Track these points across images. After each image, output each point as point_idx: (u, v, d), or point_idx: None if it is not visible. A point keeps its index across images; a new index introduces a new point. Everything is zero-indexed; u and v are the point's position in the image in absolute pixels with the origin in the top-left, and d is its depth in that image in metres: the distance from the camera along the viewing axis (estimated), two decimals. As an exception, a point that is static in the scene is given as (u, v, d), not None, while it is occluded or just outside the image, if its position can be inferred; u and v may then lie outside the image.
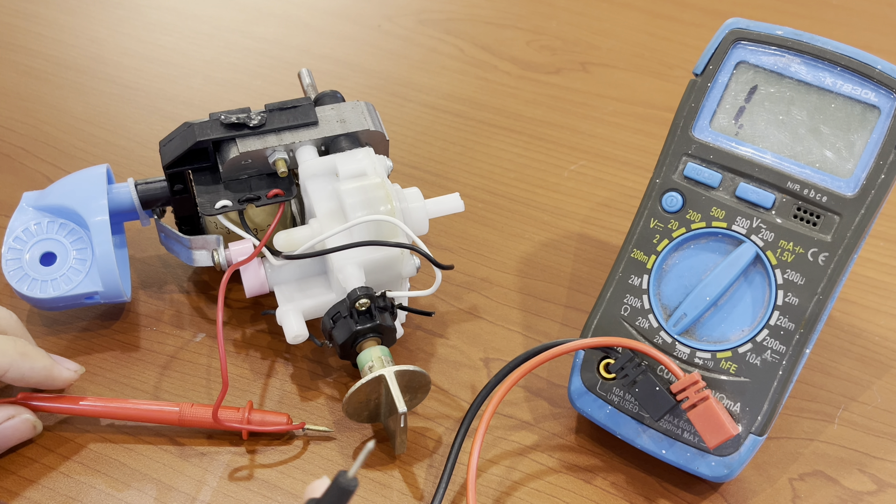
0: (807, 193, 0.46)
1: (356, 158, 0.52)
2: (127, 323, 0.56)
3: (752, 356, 0.46)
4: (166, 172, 0.53)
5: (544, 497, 0.49)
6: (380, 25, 0.79)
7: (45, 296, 0.51)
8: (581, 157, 0.68)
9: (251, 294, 0.52)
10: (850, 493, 0.49)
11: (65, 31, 0.77)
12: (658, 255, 0.48)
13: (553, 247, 0.62)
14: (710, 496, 0.49)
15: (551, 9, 0.81)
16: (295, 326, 0.51)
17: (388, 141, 0.55)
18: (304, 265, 0.53)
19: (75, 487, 0.48)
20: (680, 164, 0.49)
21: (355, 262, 0.50)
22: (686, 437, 0.47)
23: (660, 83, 0.74)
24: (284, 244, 0.51)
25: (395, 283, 0.53)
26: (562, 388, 0.54)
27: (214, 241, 0.54)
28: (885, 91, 0.45)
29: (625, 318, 0.49)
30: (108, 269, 0.51)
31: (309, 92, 0.58)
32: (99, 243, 0.51)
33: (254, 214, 0.54)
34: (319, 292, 0.53)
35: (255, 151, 0.52)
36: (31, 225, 0.52)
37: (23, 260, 0.52)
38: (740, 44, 0.48)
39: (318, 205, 0.51)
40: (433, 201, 0.53)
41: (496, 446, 0.51)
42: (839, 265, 0.46)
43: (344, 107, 0.55)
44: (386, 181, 0.51)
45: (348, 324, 0.49)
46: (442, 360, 0.55)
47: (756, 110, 0.48)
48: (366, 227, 0.50)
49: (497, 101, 0.72)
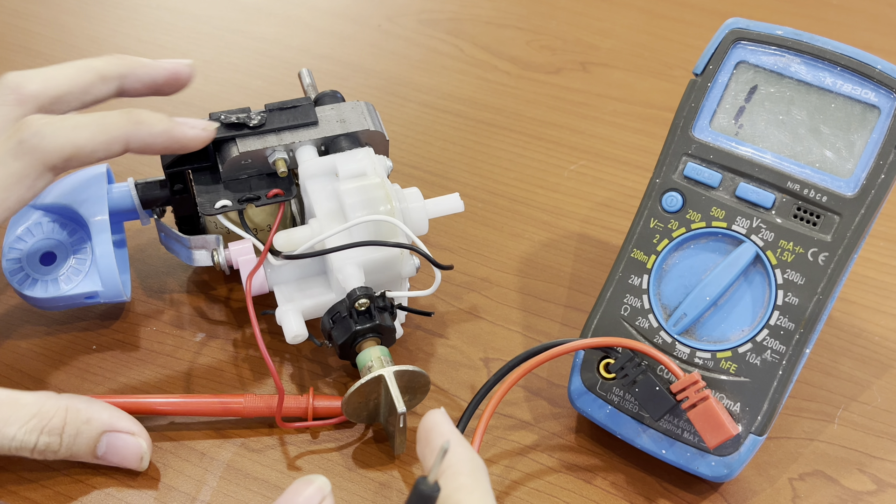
0: (807, 193, 0.46)
1: (356, 158, 0.52)
2: (127, 323, 0.56)
3: (752, 356, 0.46)
4: (166, 172, 0.53)
5: (544, 497, 0.49)
6: (380, 25, 0.79)
7: (45, 295, 0.51)
8: (581, 157, 0.68)
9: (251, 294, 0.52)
10: (850, 493, 0.49)
11: (65, 31, 0.77)
12: (658, 255, 0.48)
13: (553, 247, 0.62)
14: (710, 496, 0.49)
15: (551, 9, 0.81)
16: (294, 326, 0.51)
17: (388, 141, 0.55)
18: (304, 265, 0.53)
19: (75, 487, 0.48)
20: (680, 164, 0.49)
21: (355, 262, 0.50)
22: (686, 437, 0.47)
23: (660, 83, 0.74)
24: (284, 244, 0.51)
25: (394, 284, 0.53)
26: (562, 387, 0.54)
27: (214, 241, 0.54)
28: (885, 91, 0.45)
29: (625, 318, 0.49)
30: (107, 269, 0.51)
31: (309, 92, 0.58)
32: (99, 243, 0.51)
33: (253, 214, 0.54)
34: (319, 292, 0.53)
35: (255, 151, 0.52)
36: (32, 224, 0.52)
37: (23, 260, 0.52)
38: (740, 44, 0.48)
39: (317, 205, 0.51)
40: (433, 201, 0.53)
41: (496, 446, 0.51)
42: (839, 265, 0.46)
43: (344, 107, 0.55)
44: (386, 181, 0.51)
45: (348, 324, 0.49)
46: (442, 360, 0.55)
47: (756, 110, 0.48)
48: (365, 227, 0.50)
49: (497, 100, 0.72)
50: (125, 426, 0.47)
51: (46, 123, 0.45)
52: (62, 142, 0.45)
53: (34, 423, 0.44)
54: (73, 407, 0.46)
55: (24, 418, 0.44)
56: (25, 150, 0.44)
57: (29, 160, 0.44)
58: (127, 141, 0.47)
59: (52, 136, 0.44)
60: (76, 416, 0.45)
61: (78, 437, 0.46)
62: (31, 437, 0.44)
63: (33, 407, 0.45)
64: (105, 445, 0.47)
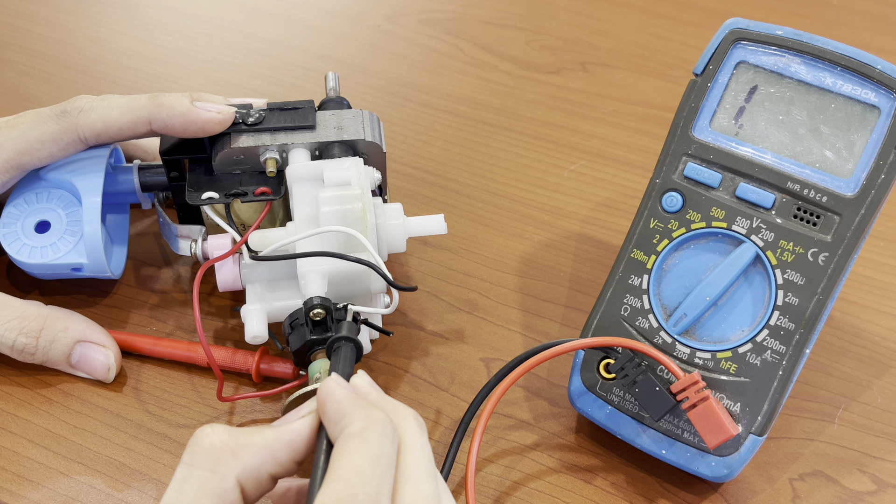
0: (807, 193, 0.46)
1: (343, 167, 0.51)
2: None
3: (752, 356, 0.46)
4: (163, 159, 0.54)
5: (544, 497, 0.49)
6: (380, 25, 0.79)
7: (32, 261, 0.52)
8: (581, 157, 0.68)
9: (224, 289, 0.52)
10: (850, 493, 0.49)
11: (65, 31, 0.77)
12: (658, 255, 0.48)
13: (553, 247, 0.62)
14: (710, 496, 0.49)
15: (551, 9, 0.81)
16: (255, 327, 0.50)
17: (384, 153, 0.54)
18: (278, 267, 0.52)
19: (75, 487, 0.49)
20: (680, 164, 0.49)
21: (320, 270, 0.49)
22: (686, 437, 0.47)
23: (660, 83, 0.74)
24: (259, 243, 0.51)
25: (365, 298, 0.52)
26: (562, 387, 0.54)
27: (197, 232, 0.54)
28: (885, 91, 0.45)
29: (625, 318, 0.49)
30: (94, 247, 0.52)
31: (330, 95, 0.58)
32: (88, 222, 0.52)
33: (241, 211, 0.54)
34: (289, 296, 0.52)
35: (248, 148, 0.52)
36: (33, 193, 0.54)
37: (18, 224, 0.53)
38: (740, 44, 0.48)
39: (297, 208, 0.51)
40: (415, 220, 0.53)
41: (495, 446, 0.51)
42: (839, 265, 0.46)
43: (345, 114, 0.55)
44: (367, 193, 0.50)
45: (303, 332, 0.48)
46: (441, 359, 0.55)
47: (756, 110, 0.48)
48: (335, 237, 0.50)
49: (497, 101, 0.72)
50: (98, 338, 0.52)
51: (88, 101, 0.52)
52: (94, 118, 0.52)
53: (14, 323, 0.51)
54: (53, 315, 0.52)
55: (6, 318, 0.50)
56: (65, 118, 0.52)
57: (66, 126, 0.52)
58: (150, 122, 0.52)
59: (88, 112, 0.52)
60: (54, 324, 0.51)
61: (54, 343, 0.51)
62: (9, 335, 0.50)
63: (17, 310, 0.51)
64: (78, 355, 0.52)
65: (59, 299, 0.56)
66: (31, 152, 0.52)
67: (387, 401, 0.40)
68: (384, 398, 0.40)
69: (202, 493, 0.36)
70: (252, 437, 0.38)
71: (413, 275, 0.59)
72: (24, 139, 0.52)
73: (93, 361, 0.52)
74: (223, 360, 0.53)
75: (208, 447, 0.37)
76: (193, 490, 0.36)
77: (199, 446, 0.37)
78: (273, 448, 0.38)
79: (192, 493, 0.36)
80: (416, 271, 0.60)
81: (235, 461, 0.37)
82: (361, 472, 0.35)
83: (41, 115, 0.52)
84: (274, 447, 0.38)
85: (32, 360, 0.51)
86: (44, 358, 0.51)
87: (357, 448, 0.36)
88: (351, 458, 0.35)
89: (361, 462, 0.35)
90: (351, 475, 0.35)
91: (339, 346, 0.45)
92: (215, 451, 0.37)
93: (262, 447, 0.38)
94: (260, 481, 0.38)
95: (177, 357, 0.54)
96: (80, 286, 0.57)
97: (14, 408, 0.52)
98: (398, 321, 0.57)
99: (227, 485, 0.37)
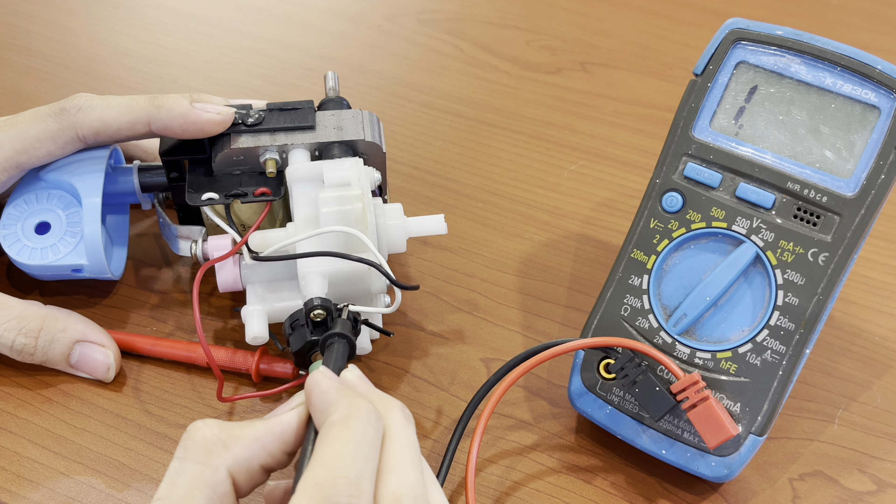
0: (807, 193, 0.46)
1: (343, 167, 0.51)
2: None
3: (752, 356, 0.46)
4: (163, 159, 0.54)
5: (544, 497, 0.49)
6: (380, 25, 0.79)
7: (32, 262, 0.52)
8: (581, 157, 0.68)
9: (224, 289, 0.52)
10: (850, 493, 0.49)
11: (65, 31, 0.77)
12: (658, 256, 0.48)
13: (553, 247, 0.62)
14: (710, 496, 0.49)
15: (551, 9, 0.81)
16: (255, 328, 0.50)
17: (384, 154, 0.54)
18: (279, 267, 0.52)
19: (75, 487, 0.49)
20: (680, 165, 0.49)
21: (320, 271, 0.49)
22: (686, 437, 0.47)
23: (660, 83, 0.74)
24: (259, 244, 0.51)
25: (365, 298, 0.52)
26: (562, 388, 0.54)
27: (197, 233, 0.54)
28: (885, 91, 0.45)
29: (625, 319, 0.49)
30: (94, 249, 0.52)
31: (330, 95, 0.57)
32: (88, 223, 0.52)
33: (241, 211, 0.54)
34: (290, 296, 0.52)
35: (248, 149, 0.52)
36: (34, 194, 0.54)
37: (18, 226, 0.53)
38: (740, 44, 0.48)
39: (297, 209, 0.51)
40: (415, 220, 0.53)
41: (495, 446, 0.51)
42: (839, 265, 0.46)
43: (345, 114, 0.55)
44: (367, 194, 0.50)
45: (303, 332, 0.48)
46: (441, 359, 0.55)
47: (756, 110, 0.48)
48: (336, 237, 0.49)
49: (497, 101, 0.72)
50: (97, 338, 0.52)
51: (87, 100, 0.52)
52: (93, 117, 0.52)
53: (13, 323, 0.50)
54: (52, 315, 0.51)
55: (5, 318, 0.50)
56: (64, 116, 0.52)
57: (64, 124, 0.52)
58: (149, 122, 0.52)
59: (87, 110, 0.52)
60: (53, 324, 0.51)
61: (53, 343, 0.51)
62: (8, 335, 0.50)
63: (17, 310, 0.51)
64: (78, 355, 0.52)
65: (59, 299, 0.57)
66: (29, 151, 0.52)
67: (375, 392, 0.40)
68: (373, 390, 0.41)
69: (195, 485, 0.36)
70: (243, 429, 0.38)
71: (413, 275, 0.59)
72: (22, 138, 0.51)
73: (92, 361, 0.52)
74: (223, 360, 0.53)
75: (200, 440, 0.37)
76: (186, 483, 0.37)
77: (191, 440, 0.38)
78: (264, 440, 0.38)
79: (184, 486, 0.36)
80: (417, 271, 0.60)
81: (227, 453, 0.37)
82: (342, 458, 0.35)
83: (40, 113, 0.52)
84: (265, 439, 0.38)
85: (32, 361, 0.51)
86: (43, 358, 0.51)
87: (338, 435, 0.36)
88: (332, 444, 0.36)
89: (343, 448, 0.36)
90: (332, 461, 0.35)
91: (332, 342, 0.45)
92: (207, 444, 0.37)
93: (252, 439, 0.38)
94: (252, 473, 0.38)
95: (177, 357, 0.54)
96: (80, 286, 0.58)
97: (14, 408, 0.52)
98: (398, 321, 0.57)
99: (218, 476, 0.37)
